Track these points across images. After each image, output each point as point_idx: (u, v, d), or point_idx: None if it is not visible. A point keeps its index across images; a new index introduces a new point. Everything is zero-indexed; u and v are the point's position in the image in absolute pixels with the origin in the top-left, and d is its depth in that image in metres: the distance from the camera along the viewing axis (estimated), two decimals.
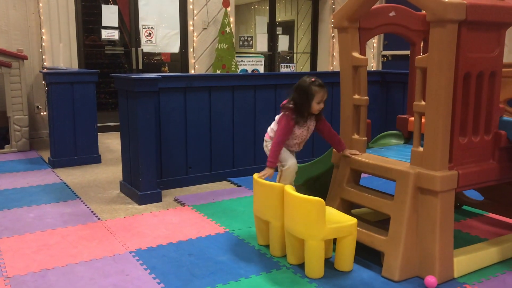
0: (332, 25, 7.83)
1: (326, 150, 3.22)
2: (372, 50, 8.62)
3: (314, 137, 3.31)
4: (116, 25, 7.00)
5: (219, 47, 7.36)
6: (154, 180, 3.89)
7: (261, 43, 8.49)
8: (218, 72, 7.22)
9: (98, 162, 5.25)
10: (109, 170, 4.94)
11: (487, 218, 3.46)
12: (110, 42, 8.48)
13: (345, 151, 2.92)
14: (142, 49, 7.34)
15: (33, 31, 6.54)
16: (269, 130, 3.02)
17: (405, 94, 5.15)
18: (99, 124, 5.68)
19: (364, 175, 3.06)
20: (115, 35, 7.06)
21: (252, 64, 8.18)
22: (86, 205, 3.79)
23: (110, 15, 6.94)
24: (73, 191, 4.16)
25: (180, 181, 4.30)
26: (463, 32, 2.40)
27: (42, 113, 6.68)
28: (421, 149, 2.54)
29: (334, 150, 3.02)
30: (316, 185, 3.35)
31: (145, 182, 3.82)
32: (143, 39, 7.31)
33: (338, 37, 2.92)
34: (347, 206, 2.95)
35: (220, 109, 4.46)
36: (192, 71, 7.49)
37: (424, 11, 2.64)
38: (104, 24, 6.93)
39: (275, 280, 2.54)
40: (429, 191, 2.48)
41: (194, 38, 7.48)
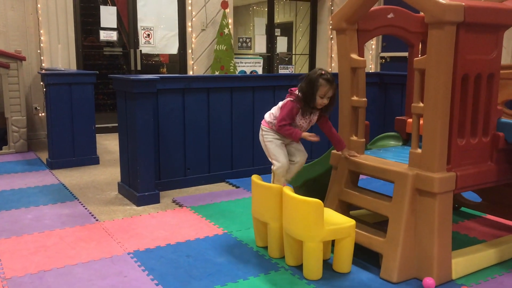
0: (331, 27, 7.83)
1: (325, 151, 3.22)
2: (371, 52, 8.63)
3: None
4: (115, 26, 7.00)
5: (218, 49, 7.36)
6: (152, 182, 3.88)
7: (260, 45, 8.49)
8: (217, 73, 7.22)
9: (96, 163, 5.24)
10: (107, 172, 4.93)
11: (485, 219, 3.46)
12: (109, 43, 8.49)
13: (344, 151, 2.91)
14: (141, 50, 7.33)
15: (32, 32, 6.53)
16: (267, 115, 2.93)
17: (403, 96, 5.15)
18: (97, 125, 5.67)
19: (363, 177, 3.07)
20: (113, 36, 7.06)
21: (250, 65, 8.18)
22: (84, 206, 3.79)
23: (108, 16, 6.93)
24: (71, 192, 4.15)
25: (178, 183, 4.30)
26: (461, 34, 2.41)
27: (40, 114, 6.67)
28: (419, 150, 2.55)
29: (332, 152, 3.02)
30: (315, 186, 3.35)
31: (143, 183, 3.82)
32: (142, 40, 7.31)
33: (337, 38, 2.92)
34: (345, 208, 2.95)
35: (219, 110, 4.46)
36: (191, 72, 7.48)
37: (422, 13, 2.64)
38: (102, 25, 6.93)
39: (273, 282, 2.54)
40: (427, 192, 2.48)
41: (193, 39, 7.48)
